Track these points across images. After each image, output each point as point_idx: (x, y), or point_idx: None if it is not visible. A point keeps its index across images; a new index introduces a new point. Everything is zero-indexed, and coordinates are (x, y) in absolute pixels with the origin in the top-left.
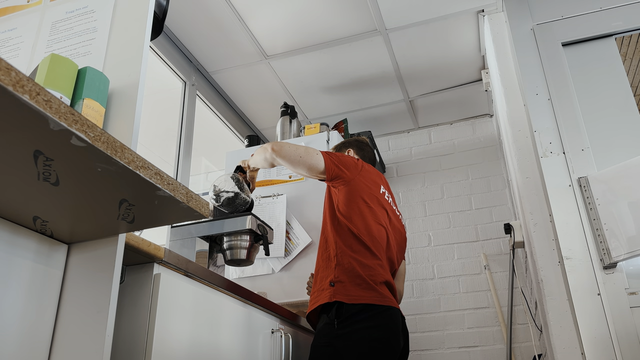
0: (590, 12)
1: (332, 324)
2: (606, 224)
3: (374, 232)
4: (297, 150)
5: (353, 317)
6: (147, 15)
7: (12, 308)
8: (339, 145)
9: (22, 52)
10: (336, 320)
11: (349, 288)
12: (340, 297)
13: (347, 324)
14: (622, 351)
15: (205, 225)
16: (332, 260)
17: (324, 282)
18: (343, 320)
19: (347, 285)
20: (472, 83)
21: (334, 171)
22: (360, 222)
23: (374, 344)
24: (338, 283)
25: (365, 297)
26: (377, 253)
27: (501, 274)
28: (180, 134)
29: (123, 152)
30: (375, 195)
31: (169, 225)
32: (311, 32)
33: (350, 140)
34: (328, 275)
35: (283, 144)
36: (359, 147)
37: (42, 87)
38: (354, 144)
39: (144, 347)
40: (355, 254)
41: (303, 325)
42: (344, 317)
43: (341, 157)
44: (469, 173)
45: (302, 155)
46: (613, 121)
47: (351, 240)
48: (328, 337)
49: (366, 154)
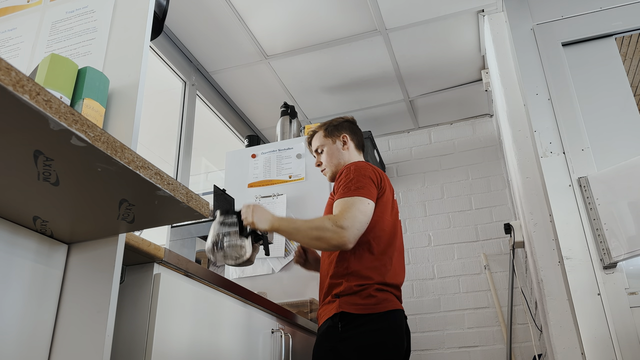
0: (590, 12)
1: (336, 326)
2: (606, 224)
3: (385, 235)
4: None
5: (357, 321)
6: (147, 15)
7: (12, 308)
8: (330, 129)
9: (22, 52)
10: (340, 323)
11: (353, 298)
12: (345, 308)
13: (350, 327)
14: (622, 351)
15: (205, 225)
16: (339, 267)
17: (329, 295)
18: (347, 324)
19: (351, 297)
20: (472, 83)
21: (372, 195)
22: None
23: (377, 348)
24: (343, 296)
25: (369, 305)
26: (381, 254)
27: (501, 274)
28: (180, 134)
29: (123, 152)
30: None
31: (169, 225)
32: (311, 32)
33: (341, 122)
34: (335, 285)
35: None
36: (352, 130)
37: (42, 87)
38: (347, 127)
39: (144, 347)
40: (359, 268)
41: (303, 325)
42: (347, 321)
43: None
44: (469, 173)
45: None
46: (613, 121)
47: (357, 255)
48: (332, 341)
49: (358, 136)
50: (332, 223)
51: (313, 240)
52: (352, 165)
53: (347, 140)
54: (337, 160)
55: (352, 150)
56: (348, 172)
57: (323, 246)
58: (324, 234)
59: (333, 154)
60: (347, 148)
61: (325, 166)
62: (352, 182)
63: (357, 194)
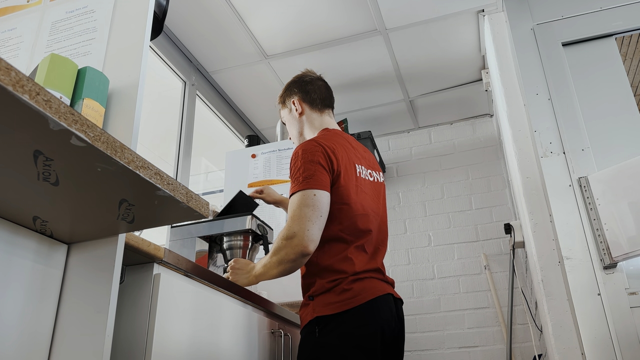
0: (590, 12)
1: (314, 332)
2: (606, 224)
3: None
4: (274, 251)
5: (334, 321)
6: (147, 15)
7: (12, 308)
8: (283, 97)
9: (22, 52)
10: (317, 327)
11: (327, 297)
12: (320, 310)
13: (328, 330)
14: (622, 351)
15: (205, 225)
16: (310, 264)
17: (304, 296)
18: (323, 327)
19: (325, 295)
20: (472, 83)
21: (322, 182)
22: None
23: (358, 343)
24: (316, 296)
25: (345, 301)
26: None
27: (501, 274)
28: (180, 134)
29: (123, 152)
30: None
31: (169, 225)
32: (311, 32)
33: (289, 83)
34: (310, 285)
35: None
36: (302, 88)
37: (42, 87)
38: (296, 87)
39: (144, 347)
40: (326, 254)
41: None
42: (324, 324)
43: (313, 171)
44: (469, 173)
45: (282, 238)
46: (613, 121)
47: (325, 248)
48: (310, 349)
49: (313, 93)
50: (280, 239)
51: (279, 267)
52: (299, 149)
53: (298, 105)
54: (297, 132)
55: (309, 114)
56: (296, 160)
57: (289, 266)
58: (281, 256)
59: (292, 125)
60: (303, 113)
61: (293, 141)
62: (299, 171)
63: (304, 187)
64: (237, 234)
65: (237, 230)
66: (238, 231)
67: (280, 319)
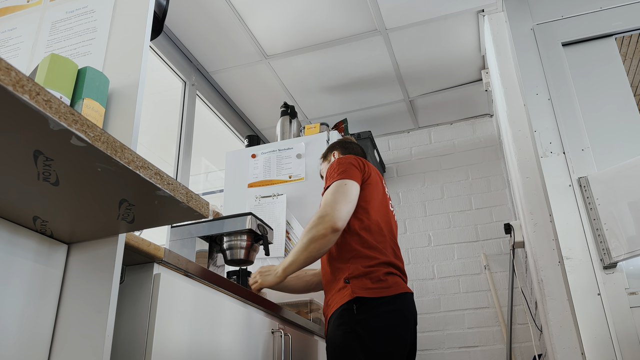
0: (590, 12)
1: (351, 309)
2: (606, 224)
3: (378, 216)
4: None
5: (371, 303)
6: (147, 15)
7: (12, 308)
8: (325, 153)
9: (22, 52)
10: (355, 305)
11: (364, 281)
12: (359, 292)
13: (365, 310)
14: (622, 351)
15: (205, 225)
16: (342, 250)
17: (334, 280)
18: (361, 306)
19: (362, 279)
20: (472, 83)
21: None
22: (364, 218)
23: (394, 323)
24: (352, 279)
25: (381, 289)
26: (378, 234)
27: (501, 274)
28: (180, 134)
29: (123, 152)
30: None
31: (169, 225)
32: (311, 32)
33: (332, 144)
34: (342, 270)
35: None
36: (344, 146)
37: (42, 87)
38: (337, 145)
39: (144, 347)
40: (361, 248)
41: (303, 326)
42: (362, 304)
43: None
44: (469, 173)
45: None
46: (613, 121)
47: (356, 236)
48: (348, 324)
49: (352, 150)
50: (312, 220)
51: (309, 247)
52: (334, 160)
53: (337, 155)
54: None
55: None
56: (331, 168)
57: (319, 244)
58: (312, 233)
59: None
60: None
61: None
62: (334, 170)
63: (338, 178)
64: (237, 234)
65: (237, 230)
66: (238, 231)
67: (281, 319)
